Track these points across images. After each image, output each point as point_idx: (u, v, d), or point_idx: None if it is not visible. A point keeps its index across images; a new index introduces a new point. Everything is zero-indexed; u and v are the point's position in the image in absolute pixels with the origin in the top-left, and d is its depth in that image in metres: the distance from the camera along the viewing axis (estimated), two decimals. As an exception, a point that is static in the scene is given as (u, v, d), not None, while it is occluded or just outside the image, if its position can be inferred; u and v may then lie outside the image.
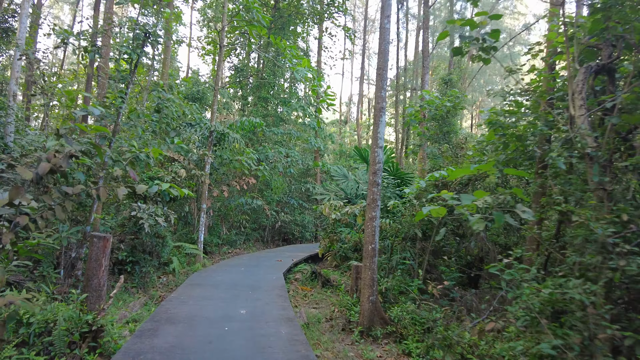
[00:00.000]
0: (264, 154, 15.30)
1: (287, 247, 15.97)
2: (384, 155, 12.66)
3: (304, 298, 8.52)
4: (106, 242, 4.33)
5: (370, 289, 6.36)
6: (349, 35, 20.35)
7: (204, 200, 10.91)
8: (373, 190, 6.47)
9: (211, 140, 11.30)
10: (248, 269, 9.42)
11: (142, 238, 7.86)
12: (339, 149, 24.31)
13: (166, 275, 9.13)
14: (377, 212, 6.44)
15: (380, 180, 6.50)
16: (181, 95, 13.81)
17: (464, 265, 9.43)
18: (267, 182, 17.58)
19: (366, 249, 6.44)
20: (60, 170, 2.83)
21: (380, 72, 6.73)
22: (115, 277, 7.84)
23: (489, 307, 7.34)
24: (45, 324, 4.40)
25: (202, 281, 7.73)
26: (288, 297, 6.77)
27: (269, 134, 17.60)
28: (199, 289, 6.92)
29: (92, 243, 4.28)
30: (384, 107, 6.60)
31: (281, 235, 18.33)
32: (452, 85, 19.64)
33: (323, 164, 19.28)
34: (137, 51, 6.89)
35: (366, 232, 6.45)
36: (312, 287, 9.82)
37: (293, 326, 5.07)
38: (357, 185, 13.15)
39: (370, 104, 42.30)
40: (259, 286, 7.38)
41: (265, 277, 8.42)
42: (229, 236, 14.34)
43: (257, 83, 18.82)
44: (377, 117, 6.62)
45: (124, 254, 7.71)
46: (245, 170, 12.81)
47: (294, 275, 10.49)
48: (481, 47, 5.26)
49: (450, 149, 10.24)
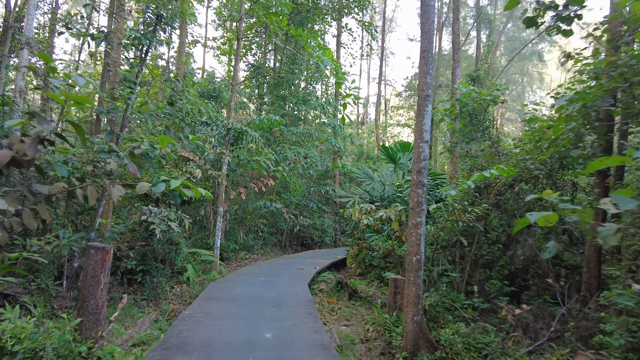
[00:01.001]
0: (282, 154, 14.49)
1: (307, 253, 15.09)
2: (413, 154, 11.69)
3: (332, 313, 7.61)
4: (105, 255, 3.53)
5: (414, 308, 5.42)
6: (370, 31, 19.45)
7: (221, 203, 10.14)
8: (417, 191, 5.53)
9: (228, 139, 10.54)
10: (269, 279, 8.57)
11: (154, 245, 7.09)
12: (359, 149, 23.36)
13: (180, 284, 8.36)
14: (422, 218, 5.50)
15: (426, 180, 5.56)
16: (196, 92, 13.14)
17: (505, 277, 8.38)
18: (286, 185, 16.78)
19: (409, 261, 5.50)
20: (26, 160, 2.05)
21: (425, 55, 5.81)
22: (123, 289, 7.09)
23: (548, 329, 6.31)
24: (33, 354, 3.62)
25: (220, 294, 6.91)
26: (319, 315, 5.87)
27: (287, 133, 16.82)
28: (215, 305, 6.09)
29: (88, 255, 3.48)
30: (430, 94, 5.67)
31: (299, 239, 17.47)
32: (480, 82, 18.50)
33: (343, 166, 18.36)
34: (148, 36, 6.15)
35: (409, 240, 5.51)
36: (339, 298, 8.91)
37: (330, 356, 4.17)
38: (382, 187, 12.21)
39: (387, 105, 41.23)
40: (283, 301, 6.51)
41: (288, 289, 7.55)
42: (246, 241, 13.55)
43: (274, 81, 18.08)
44: (421, 106, 5.69)
45: (133, 262, 6.96)
46: (263, 170, 12.02)
47: (318, 285, 9.60)
48: (560, 16, 4.27)
49: (492, 146, 9.22)
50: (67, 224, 5.87)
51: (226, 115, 10.62)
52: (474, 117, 10.26)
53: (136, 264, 7.15)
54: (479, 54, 20.65)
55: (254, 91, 19.92)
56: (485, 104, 10.05)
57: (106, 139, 5.87)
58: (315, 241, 17.50)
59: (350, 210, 8.01)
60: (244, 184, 12.96)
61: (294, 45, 18.10)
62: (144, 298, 7.01)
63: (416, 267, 5.45)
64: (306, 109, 16.86)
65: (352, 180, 22.32)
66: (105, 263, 3.55)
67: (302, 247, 17.43)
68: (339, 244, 19.43)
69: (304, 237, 17.40)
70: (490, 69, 22.14)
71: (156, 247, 7.11)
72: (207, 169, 9.31)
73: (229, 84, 16.67)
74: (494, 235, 8.53)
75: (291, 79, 17.66)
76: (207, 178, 10.13)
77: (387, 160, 11.32)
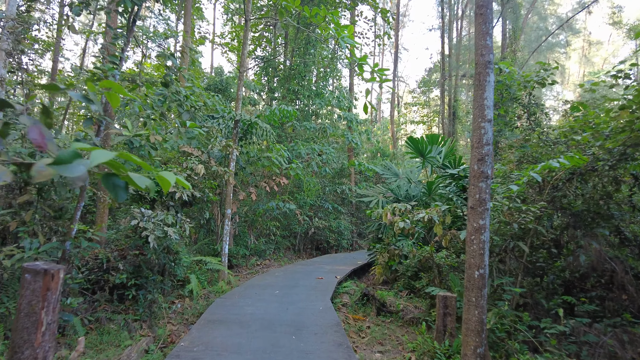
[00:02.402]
0: (296, 151, 13.29)
1: (323, 258, 13.84)
2: (444, 147, 10.34)
3: (360, 334, 6.35)
4: (49, 281, 2.36)
5: (477, 337, 4.14)
6: (387, 18, 18.15)
7: (229, 205, 8.97)
8: (480, 186, 4.25)
9: (236, 132, 9.37)
10: (284, 292, 7.35)
11: (148, 255, 5.94)
12: (375, 147, 22.04)
13: (182, 299, 7.20)
14: (486, 220, 4.22)
15: (491, 171, 4.28)
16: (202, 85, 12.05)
17: (559, 286, 7.02)
18: (299, 184, 15.58)
19: (469, 277, 4.23)
20: None
21: (483, 12, 4.53)
22: (112, 307, 5.95)
23: (639, 358, 4.97)
24: None
25: (226, 314, 5.71)
26: (350, 344, 4.61)
27: (300, 129, 15.62)
28: (220, 330, 4.88)
29: (23, 284, 2.32)
30: (491, 60, 4.40)
31: (314, 243, 16.22)
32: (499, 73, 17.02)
33: (359, 163, 17.06)
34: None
35: (469, 250, 4.24)
36: (365, 314, 7.65)
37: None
38: (408, 184, 10.90)
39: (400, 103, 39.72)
40: (303, 324, 5.27)
41: (308, 306, 6.31)
42: (258, 245, 12.38)
43: (285, 74, 16.93)
44: (480, 75, 4.41)
45: (123, 276, 5.81)
46: (275, 168, 10.83)
47: (340, 297, 8.35)
48: None
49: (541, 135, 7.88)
50: (38, 231, 4.74)
51: (234, 105, 9.46)
52: (516, 102, 8.91)
53: (128, 277, 6.01)
54: (505, 42, 19.17)
55: (264, 87, 18.81)
56: (531, 87, 8.70)
57: (84, 125, 4.73)
58: (331, 244, 16.25)
59: (380, 211, 6.75)
60: (255, 183, 11.78)
61: (305, 35, 16.93)
62: (137, 318, 5.85)
63: (479, 285, 4.17)
64: (320, 102, 15.64)
65: (367, 179, 21.00)
66: (50, 293, 2.39)
67: (317, 251, 16.19)
68: (355, 247, 18.16)
69: (319, 241, 16.16)
70: (515, 57, 20.64)
71: (151, 257, 5.95)
72: (212, 165, 8.14)
73: (237, 76, 15.56)
74: (549, 238, 7.20)
75: (303, 71, 16.46)
76: (212, 176, 8.98)
77: (414, 155, 10.01)
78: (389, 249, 6.91)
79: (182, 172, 6.75)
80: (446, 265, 7.17)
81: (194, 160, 7.33)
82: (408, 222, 5.82)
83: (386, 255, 6.86)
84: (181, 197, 6.33)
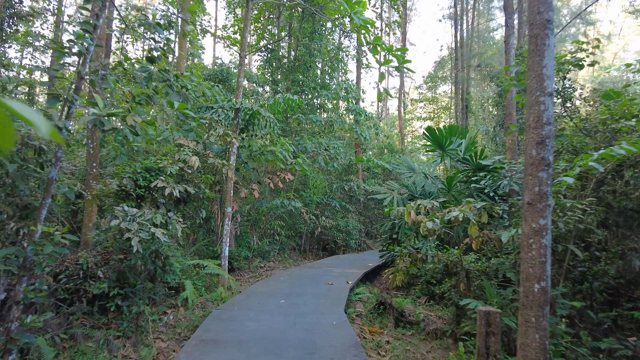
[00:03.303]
0: (302, 145, 12.41)
1: (331, 260, 12.97)
2: (467, 140, 9.41)
3: (380, 351, 5.47)
4: None
5: (537, 368, 3.25)
6: (396, 7, 17.23)
7: (229, 202, 8.12)
8: (539, 176, 3.35)
9: (237, 123, 8.51)
10: (290, 301, 6.49)
11: (133, 260, 5.10)
12: (383, 143, 21.12)
13: (175, 309, 6.35)
14: (547, 219, 3.33)
15: (552, 158, 3.39)
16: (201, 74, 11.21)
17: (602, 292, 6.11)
18: (305, 181, 14.71)
19: (527, 290, 3.34)
20: None
21: (540, -42, 3.63)
22: (92, 320, 5.12)
23: None
24: None
25: (223, 331, 4.85)
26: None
27: (305, 122, 14.74)
28: (215, 355, 4.02)
29: None
30: (551, 19, 3.50)
31: (321, 243, 15.33)
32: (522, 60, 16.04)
33: (368, 159, 16.15)
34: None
35: (526, 257, 3.36)
36: (382, 325, 6.78)
37: None
38: (425, 180, 10.00)
39: (407, 98, 38.69)
40: (315, 345, 4.39)
41: (319, 319, 5.44)
42: (261, 246, 11.53)
43: (290, 65, 16.05)
44: (538, 38, 3.51)
45: (104, 285, 4.97)
46: (280, 163, 9.96)
47: (353, 306, 7.48)
48: None
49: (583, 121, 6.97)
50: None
51: (235, 93, 8.62)
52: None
53: (110, 285, 5.17)
54: (522, 31, 18.13)
55: (268, 80, 17.95)
56: (565, 70, 7.76)
57: (48, 104, 3.89)
58: (338, 245, 15.35)
59: (401, 209, 5.86)
60: (258, 180, 10.92)
61: (311, 24, 16.04)
62: (120, 335, 5.02)
63: (540, 301, 3.28)
64: (327, 93, 14.74)
65: (375, 176, 20.08)
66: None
67: (323, 251, 15.30)
68: (364, 248, 17.27)
69: (326, 241, 15.27)
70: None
71: (136, 263, 5.11)
72: (208, 157, 7.28)
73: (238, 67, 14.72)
74: (595, 239, 6.30)
75: (309, 61, 15.58)
76: (211, 171, 8.12)
77: (433, 147, 9.11)
78: (411, 254, 6.02)
79: (173, 164, 5.91)
80: (475, 271, 6.28)
81: (187, 152, 6.48)
82: (437, 222, 4.93)
83: (408, 260, 5.98)
84: (172, 193, 5.48)
